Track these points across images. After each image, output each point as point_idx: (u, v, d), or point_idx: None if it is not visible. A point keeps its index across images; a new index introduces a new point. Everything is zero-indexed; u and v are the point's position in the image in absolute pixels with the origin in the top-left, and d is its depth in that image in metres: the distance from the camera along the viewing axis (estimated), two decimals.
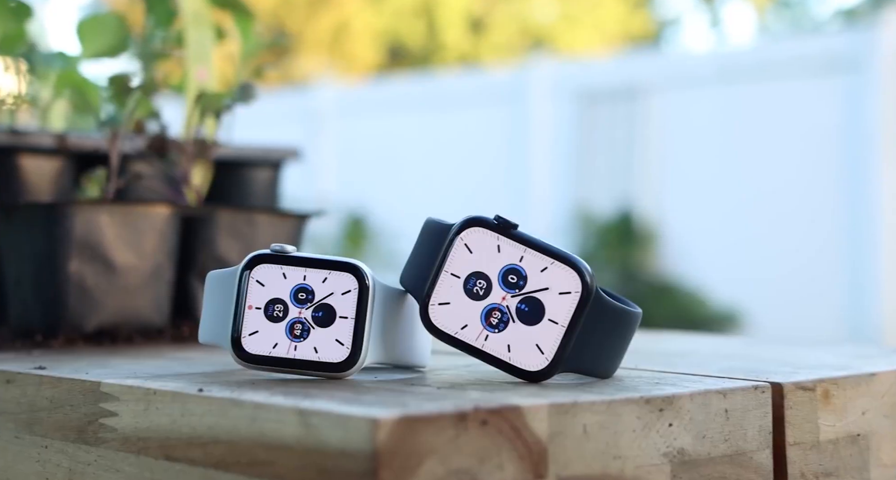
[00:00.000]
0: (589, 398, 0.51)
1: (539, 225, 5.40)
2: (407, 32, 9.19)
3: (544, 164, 5.44)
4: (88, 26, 1.03)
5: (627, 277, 5.11)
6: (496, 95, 5.58)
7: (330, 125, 5.99)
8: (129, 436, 0.54)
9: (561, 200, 5.37)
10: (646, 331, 0.86)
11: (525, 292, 0.56)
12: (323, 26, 8.86)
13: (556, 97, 5.44)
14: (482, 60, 8.81)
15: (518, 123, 5.50)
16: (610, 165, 5.35)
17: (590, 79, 5.41)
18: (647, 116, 5.20)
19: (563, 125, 5.42)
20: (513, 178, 5.49)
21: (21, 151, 0.94)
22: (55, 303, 0.79)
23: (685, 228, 5.03)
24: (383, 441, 0.44)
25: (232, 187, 1.06)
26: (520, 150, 5.49)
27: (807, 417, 0.59)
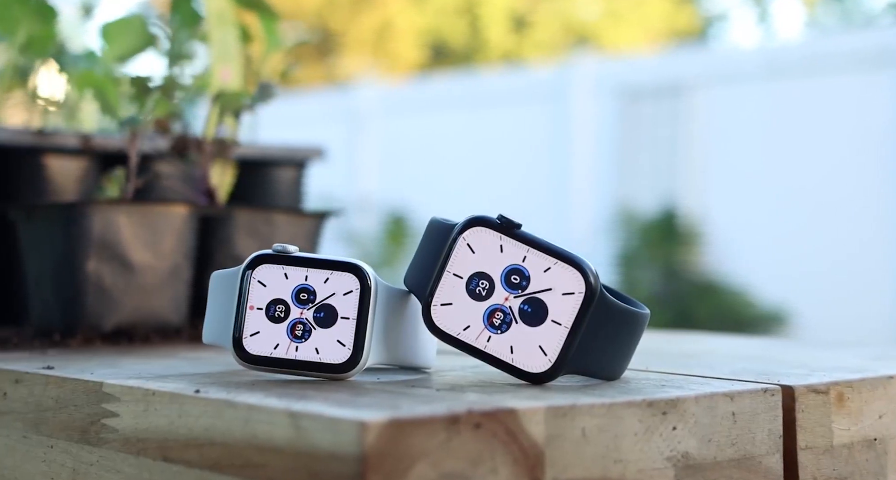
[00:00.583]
0: (588, 401, 0.50)
1: (580, 224, 5.37)
2: (450, 31, 9.19)
3: (586, 162, 5.42)
4: (113, 28, 1.04)
5: (670, 276, 5.07)
6: (538, 93, 5.56)
7: (372, 125, 6.01)
8: (129, 437, 0.54)
9: (603, 198, 5.33)
10: (664, 331, 0.85)
11: (528, 292, 0.55)
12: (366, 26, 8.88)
13: (599, 95, 5.41)
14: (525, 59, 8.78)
15: (560, 122, 5.48)
16: (653, 162, 5.31)
17: (632, 76, 5.38)
18: (690, 112, 5.15)
19: (606, 123, 5.39)
20: (554, 176, 5.47)
21: (46, 151, 0.94)
22: (73, 302, 0.80)
23: (730, 226, 4.98)
24: (372, 445, 0.43)
25: (256, 186, 1.06)
26: (561, 148, 5.47)
27: (819, 421, 0.57)
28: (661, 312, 4.87)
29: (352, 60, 8.85)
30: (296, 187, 1.09)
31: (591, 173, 5.41)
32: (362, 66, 8.11)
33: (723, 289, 4.97)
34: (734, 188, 4.98)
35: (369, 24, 8.91)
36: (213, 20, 1.05)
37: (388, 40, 8.93)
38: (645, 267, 5.11)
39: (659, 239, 5.14)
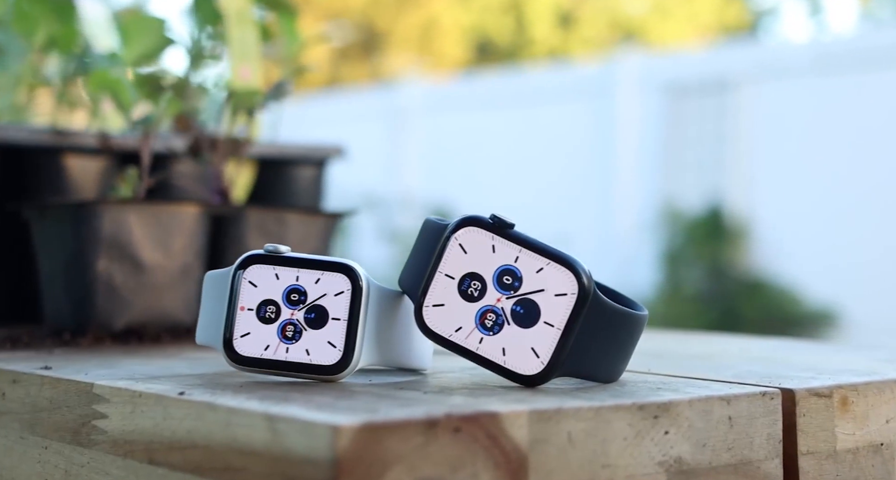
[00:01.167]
0: (575, 405, 0.49)
1: (625, 221, 5.33)
2: (495, 28, 9.17)
3: (631, 159, 5.38)
4: (132, 27, 1.04)
5: (717, 274, 5.01)
6: (583, 90, 5.53)
7: (416, 122, 6.01)
8: (117, 439, 0.54)
9: (647, 195, 5.29)
10: (677, 332, 0.83)
11: (520, 293, 0.54)
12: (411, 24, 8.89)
13: (644, 91, 5.37)
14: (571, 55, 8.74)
15: (605, 118, 5.44)
16: (699, 159, 5.26)
17: (678, 72, 5.33)
18: (738, 108, 5.09)
19: (651, 119, 5.34)
20: (599, 174, 5.44)
21: (66, 150, 0.95)
22: (84, 302, 0.80)
23: (778, 223, 4.92)
24: (345, 449, 0.43)
25: (275, 185, 1.06)
26: (606, 145, 5.43)
27: (822, 425, 0.56)
28: (707, 311, 4.82)
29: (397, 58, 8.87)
30: (316, 185, 1.09)
31: (635, 171, 5.37)
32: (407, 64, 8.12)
33: (770, 287, 4.90)
34: (782, 185, 4.92)
35: (414, 21, 8.92)
36: (232, 19, 1.05)
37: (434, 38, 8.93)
38: (690, 265, 5.06)
39: (705, 237, 5.08)
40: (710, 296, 4.95)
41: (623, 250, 5.32)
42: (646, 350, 0.72)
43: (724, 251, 5.02)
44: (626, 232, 5.35)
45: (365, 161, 6.05)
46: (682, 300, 4.94)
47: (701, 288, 5.00)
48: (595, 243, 5.40)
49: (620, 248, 5.34)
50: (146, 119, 0.87)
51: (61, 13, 0.99)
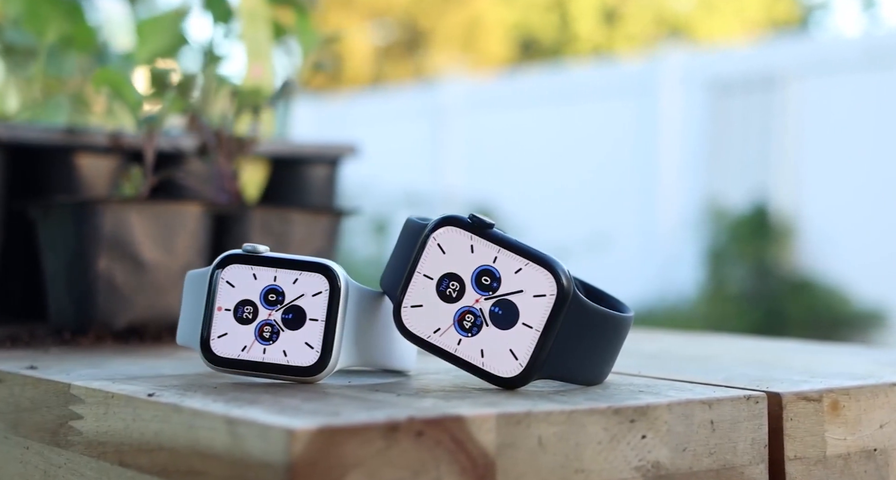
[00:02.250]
0: (546, 408, 0.48)
1: (668, 219, 5.29)
2: (539, 25, 9.13)
3: (674, 157, 5.33)
4: (147, 26, 1.04)
5: (762, 273, 4.95)
6: (626, 87, 5.48)
7: (458, 121, 6.00)
8: (91, 440, 0.53)
9: (691, 193, 5.24)
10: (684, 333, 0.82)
11: (498, 294, 0.53)
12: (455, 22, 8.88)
13: (688, 88, 5.31)
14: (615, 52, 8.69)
15: (647, 115, 5.40)
16: (743, 157, 5.20)
17: (723, 68, 5.27)
18: (785, 105, 5.02)
19: (695, 116, 5.29)
20: (642, 171, 5.39)
21: (77, 149, 0.95)
22: (85, 301, 0.80)
23: (825, 221, 4.84)
24: (300, 453, 0.42)
25: (289, 184, 1.06)
26: (649, 143, 5.38)
27: (810, 430, 0.54)
28: (751, 311, 4.76)
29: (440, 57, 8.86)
30: (329, 184, 1.08)
31: (679, 168, 5.32)
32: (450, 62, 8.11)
33: (817, 287, 4.83)
34: (830, 182, 4.84)
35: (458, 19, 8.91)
36: (245, 18, 1.05)
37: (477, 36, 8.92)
38: (734, 264, 5.00)
39: (749, 235, 5.02)
40: (754, 296, 4.89)
41: (665, 249, 5.28)
42: (642, 352, 0.70)
43: (769, 250, 4.96)
44: (668, 231, 5.30)
45: (407, 159, 6.05)
46: (725, 300, 4.89)
47: (745, 288, 4.94)
48: (637, 241, 5.36)
49: (663, 247, 5.30)
50: (150, 117, 0.87)
51: (72, 13, 0.99)
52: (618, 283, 5.18)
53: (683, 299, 5.02)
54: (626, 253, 5.33)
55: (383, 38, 9.10)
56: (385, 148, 6.06)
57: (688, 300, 4.99)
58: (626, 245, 5.34)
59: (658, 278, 5.17)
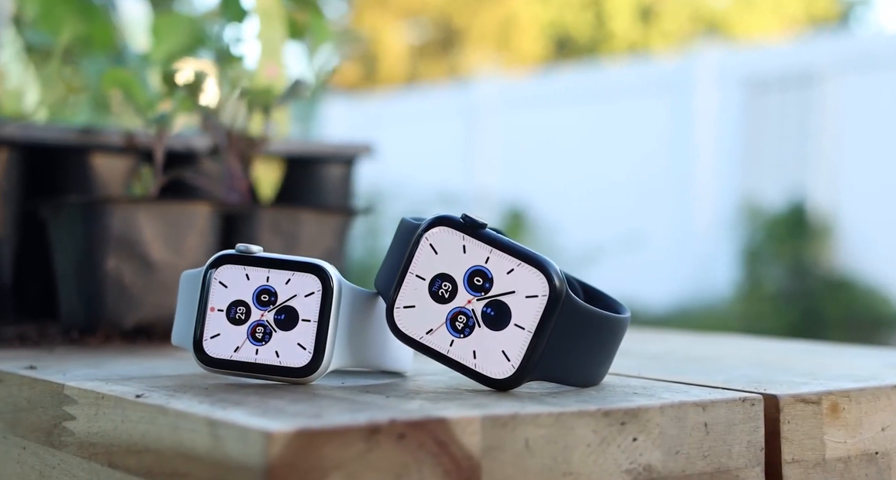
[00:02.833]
0: (533, 410, 0.47)
1: (703, 218, 5.25)
2: (574, 23, 9.09)
3: (709, 155, 5.29)
4: (162, 26, 1.04)
5: (799, 272, 4.90)
6: (661, 85, 5.45)
7: (492, 120, 5.99)
8: (83, 441, 0.53)
9: (726, 192, 5.20)
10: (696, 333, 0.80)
11: (491, 295, 0.52)
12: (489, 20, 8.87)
13: (723, 85, 5.27)
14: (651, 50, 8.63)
15: (683, 113, 5.36)
16: (780, 155, 5.15)
17: (760, 65, 5.22)
18: (823, 102, 4.97)
19: (730, 114, 5.25)
20: (676, 170, 5.36)
21: (93, 149, 0.96)
22: (94, 300, 0.80)
23: (865, 220, 4.78)
24: (277, 456, 0.41)
25: (304, 183, 1.06)
26: (684, 141, 5.35)
27: (809, 432, 0.53)
28: (788, 310, 4.71)
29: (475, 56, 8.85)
30: (345, 184, 1.08)
31: (714, 167, 5.28)
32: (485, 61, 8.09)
33: (856, 287, 4.78)
34: (869, 180, 4.78)
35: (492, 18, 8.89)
36: (260, 17, 1.05)
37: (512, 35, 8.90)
38: (770, 263, 4.96)
39: (786, 234, 4.97)
40: (791, 295, 4.84)
41: (701, 248, 5.24)
42: (646, 352, 0.69)
43: (806, 249, 4.91)
44: (704, 230, 5.27)
45: (441, 159, 6.05)
46: (761, 300, 4.84)
47: (782, 287, 4.89)
48: (672, 240, 5.33)
49: (698, 246, 5.26)
50: (160, 117, 0.87)
51: (86, 13, 1.00)
52: (652, 282, 5.15)
53: (719, 298, 4.98)
54: (660, 252, 5.30)
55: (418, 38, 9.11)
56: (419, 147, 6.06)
57: (723, 300, 4.96)
58: (661, 244, 5.30)
59: (693, 278, 5.13)
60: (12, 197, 0.94)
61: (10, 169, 0.94)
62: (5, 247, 0.94)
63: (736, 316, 4.69)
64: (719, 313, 4.84)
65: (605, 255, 5.06)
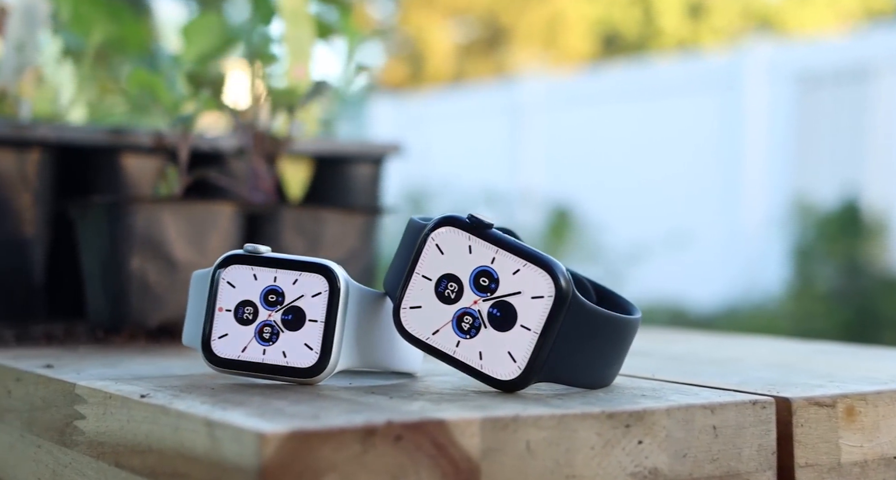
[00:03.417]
0: (535, 412, 0.47)
1: (753, 216, 5.19)
2: (622, 20, 9.03)
3: (760, 152, 5.22)
4: (193, 28, 1.05)
5: (851, 271, 4.82)
6: (711, 81, 5.39)
7: (537, 118, 5.96)
8: (92, 440, 0.54)
9: (777, 189, 5.13)
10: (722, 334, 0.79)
11: (497, 295, 0.52)
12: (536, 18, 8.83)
13: (775, 81, 5.20)
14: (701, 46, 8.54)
15: (733, 110, 5.30)
16: (833, 151, 5.07)
17: (812, 60, 5.14)
18: (878, 98, 4.89)
19: (782, 110, 5.18)
20: (726, 167, 5.30)
21: (123, 149, 0.96)
22: (119, 300, 0.81)
23: None
24: (271, 457, 0.41)
25: (333, 183, 1.06)
26: (734, 138, 5.29)
27: (823, 436, 0.52)
28: (840, 310, 4.64)
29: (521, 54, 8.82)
30: (373, 183, 1.08)
31: (765, 164, 5.22)
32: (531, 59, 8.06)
33: None
34: None
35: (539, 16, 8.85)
36: (288, 18, 1.05)
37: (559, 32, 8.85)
38: (822, 262, 4.88)
39: (839, 232, 4.90)
40: (844, 295, 4.76)
41: (751, 247, 5.18)
42: (666, 353, 0.69)
43: (860, 247, 4.83)
44: (754, 228, 5.20)
45: (486, 157, 6.04)
46: (813, 299, 4.77)
47: (834, 286, 4.82)
48: (721, 239, 5.27)
49: (748, 244, 5.20)
50: (185, 117, 0.87)
51: (116, 15, 1.00)
52: (700, 281, 5.11)
53: (769, 298, 4.92)
54: (709, 251, 5.25)
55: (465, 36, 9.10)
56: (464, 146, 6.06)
57: (774, 300, 4.89)
58: (710, 243, 5.25)
59: (743, 277, 5.07)
60: (44, 197, 0.95)
61: (43, 170, 0.95)
62: (37, 247, 0.95)
63: (786, 316, 4.63)
64: (769, 313, 4.78)
65: (652, 254, 5.02)
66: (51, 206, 0.95)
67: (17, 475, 0.61)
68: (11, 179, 0.94)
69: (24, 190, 0.95)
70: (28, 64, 1.09)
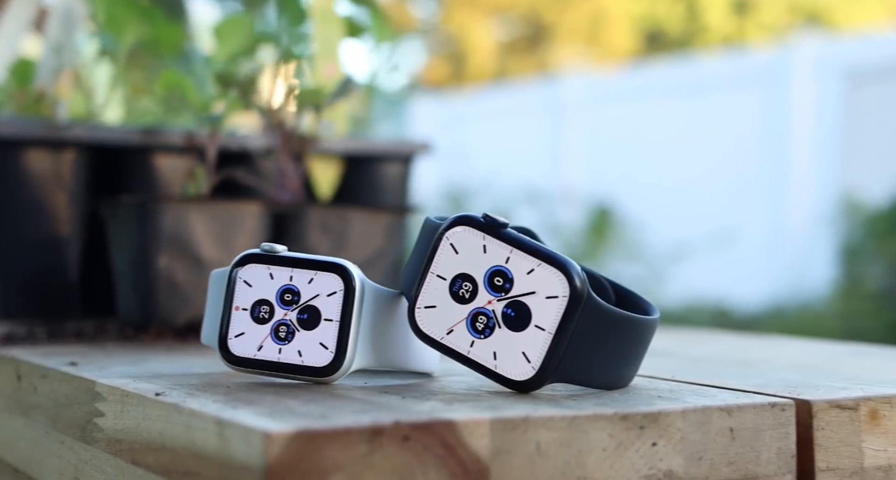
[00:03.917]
0: (546, 413, 0.46)
1: (799, 214, 5.13)
2: (666, 17, 8.96)
3: (806, 149, 5.16)
4: (224, 28, 1.06)
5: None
6: (756, 78, 5.34)
7: (579, 115, 5.94)
8: (110, 437, 0.54)
9: (824, 187, 5.07)
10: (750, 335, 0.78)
11: (511, 295, 0.52)
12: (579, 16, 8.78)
13: (821, 77, 5.14)
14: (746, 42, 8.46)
15: (779, 106, 5.24)
16: (882, 148, 5.00)
17: (860, 55, 5.07)
18: None
19: (828, 107, 5.11)
20: (772, 164, 5.25)
21: (155, 149, 0.97)
22: (147, 298, 0.81)
23: None
24: (276, 457, 0.41)
25: (362, 182, 1.06)
26: (780, 134, 5.23)
27: (845, 439, 0.51)
28: (889, 309, 4.57)
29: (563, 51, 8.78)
30: (402, 182, 1.08)
31: (811, 161, 5.15)
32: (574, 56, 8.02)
33: None
34: None
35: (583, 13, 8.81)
36: (317, 17, 1.05)
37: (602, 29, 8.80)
38: (871, 261, 4.81)
39: (888, 230, 4.82)
40: (892, 294, 4.69)
41: (797, 245, 5.12)
42: (690, 354, 0.68)
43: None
44: (800, 226, 5.14)
45: (527, 156, 6.02)
46: (861, 298, 4.71)
47: (883, 285, 4.75)
48: (766, 237, 5.22)
49: (794, 243, 5.14)
50: (213, 117, 0.88)
51: (148, 16, 1.01)
52: (745, 280, 5.06)
53: (816, 297, 4.86)
54: (754, 249, 5.20)
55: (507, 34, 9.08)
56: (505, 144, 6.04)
57: (820, 299, 4.83)
58: (755, 241, 5.20)
59: (788, 276, 5.02)
60: (79, 197, 0.96)
61: (78, 170, 0.96)
62: (72, 245, 0.96)
63: (834, 316, 4.58)
64: (816, 312, 4.72)
65: (695, 252, 4.98)
66: (86, 205, 0.96)
67: (43, 470, 0.62)
68: (47, 179, 0.95)
69: (60, 190, 0.96)
70: (65, 66, 1.10)
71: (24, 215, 0.93)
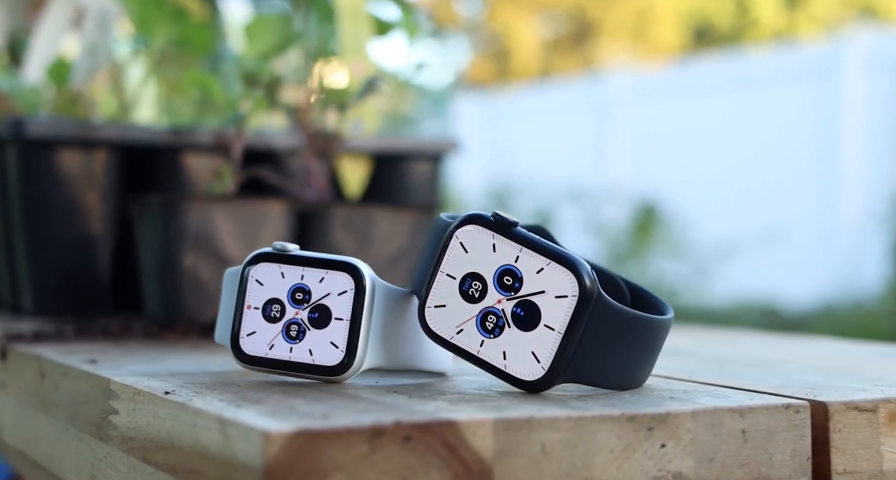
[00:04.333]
0: (551, 414, 0.46)
1: (851, 211, 5.06)
2: (714, 12, 8.86)
3: (858, 144, 5.08)
4: (255, 27, 1.06)
5: None
6: (807, 72, 5.27)
7: (624, 113, 5.90)
8: (123, 435, 0.54)
9: (877, 183, 4.99)
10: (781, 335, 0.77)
11: (521, 295, 0.51)
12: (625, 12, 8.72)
13: (874, 71, 5.06)
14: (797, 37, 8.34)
15: (830, 102, 5.17)
16: None
17: None
18: None
19: (881, 101, 5.03)
20: (823, 161, 5.17)
21: (184, 149, 0.98)
22: (173, 296, 0.82)
23: None
24: (275, 457, 0.41)
25: (390, 180, 1.06)
26: (831, 130, 5.16)
27: (863, 442, 0.50)
28: None
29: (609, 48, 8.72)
30: (431, 180, 1.08)
31: (863, 157, 5.08)
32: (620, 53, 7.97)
33: None
34: None
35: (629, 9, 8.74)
36: (345, 15, 1.05)
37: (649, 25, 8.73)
38: None
39: None
40: None
41: (849, 243, 5.05)
42: (711, 354, 0.67)
43: None
44: (852, 223, 5.07)
45: (572, 153, 5.99)
46: None
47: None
48: (817, 235, 5.15)
49: (845, 240, 5.06)
50: (237, 116, 0.88)
51: (178, 16, 1.02)
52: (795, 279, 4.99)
53: (868, 296, 4.79)
54: (804, 247, 5.13)
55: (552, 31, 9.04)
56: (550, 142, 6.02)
57: (873, 297, 4.76)
58: (805, 239, 5.13)
59: (840, 274, 4.95)
60: (110, 196, 0.97)
61: (109, 169, 0.97)
62: (104, 244, 0.97)
63: (886, 315, 4.50)
64: (868, 311, 4.65)
65: (743, 250, 4.92)
66: (117, 204, 0.97)
67: (63, 467, 0.63)
68: (79, 178, 0.96)
69: (92, 189, 0.97)
70: (100, 67, 1.11)
71: (57, 214, 0.94)
